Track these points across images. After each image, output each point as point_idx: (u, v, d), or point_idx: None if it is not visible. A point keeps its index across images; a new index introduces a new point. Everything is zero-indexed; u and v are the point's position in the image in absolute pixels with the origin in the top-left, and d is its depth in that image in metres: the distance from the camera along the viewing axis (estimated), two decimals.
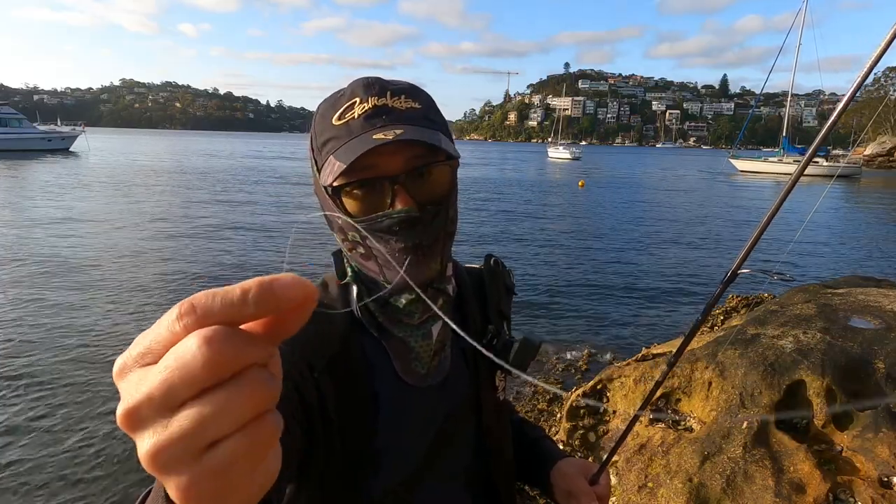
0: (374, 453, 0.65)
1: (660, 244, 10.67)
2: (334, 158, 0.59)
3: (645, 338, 5.36)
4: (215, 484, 0.22)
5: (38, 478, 3.02)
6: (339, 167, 0.57)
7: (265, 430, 0.23)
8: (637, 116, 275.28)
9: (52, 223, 10.60)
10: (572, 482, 0.81)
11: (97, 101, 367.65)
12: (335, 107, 0.62)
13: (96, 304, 5.84)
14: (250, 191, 18.21)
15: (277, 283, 0.23)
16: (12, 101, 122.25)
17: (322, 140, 0.62)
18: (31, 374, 4.22)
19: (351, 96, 0.62)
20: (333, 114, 0.62)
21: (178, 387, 0.21)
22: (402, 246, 0.61)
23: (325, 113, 0.63)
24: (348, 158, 0.56)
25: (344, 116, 0.61)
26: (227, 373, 0.22)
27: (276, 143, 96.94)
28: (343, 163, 0.57)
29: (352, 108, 0.61)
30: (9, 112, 34.67)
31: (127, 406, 0.22)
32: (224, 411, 0.21)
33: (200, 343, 0.21)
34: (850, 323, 3.01)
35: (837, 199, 20.67)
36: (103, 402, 3.82)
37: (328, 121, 0.62)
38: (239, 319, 0.22)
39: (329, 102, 0.64)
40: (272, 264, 8.01)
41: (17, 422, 3.54)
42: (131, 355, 0.23)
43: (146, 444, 0.22)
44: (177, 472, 0.22)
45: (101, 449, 3.30)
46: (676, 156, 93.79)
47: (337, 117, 0.61)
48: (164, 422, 0.22)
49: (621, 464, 2.45)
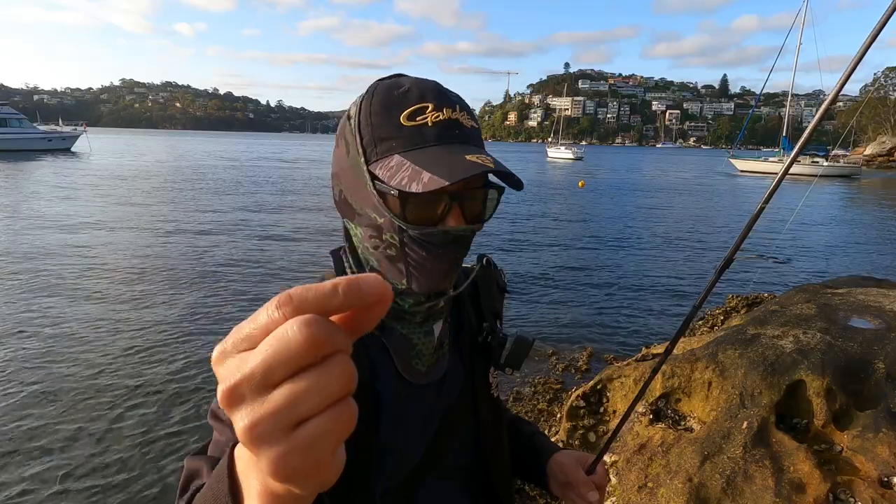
0: (375, 452, 0.65)
1: (660, 244, 10.68)
2: (415, 164, 0.56)
3: (645, 338, 5.36)
4: (303, 458, 0.25)
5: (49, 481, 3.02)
6: (430, 179, 0.54)
7: (347, 412, 0.26)
8: (637, 116, 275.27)
9: (58, 223, 10.60)
10: (570, 473, 0.83)
11: (97, 101, 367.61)
12: (400, 105, 0.60)
13: (99, 305, 5.85)
14: (262, 192, 18.21)
15: (363, 280, 0.26)
16: (12, 101, 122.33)
17: (382, 133, 0.59)
18: (30, 379, 4.22)
19: (420, 99, 0.60)
20: (400, 112, 0.59)
21: (277, 366, 0.24)
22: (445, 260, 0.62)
23: (387, 107, 0.60)
24: (450, 175, 0.54)
25: (415, 119, 0.59)
26: (320, 354, 0.24)
27: (278, 143, 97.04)
28: (448, 176, 0.54)
29: (423, 113, 0.59)
30: (9, 112, 34.66)
31: (229, 384, 0.25)
32: (315, 390, 0.24)
33: (300, 326, 0.24)
34: (850, 323, 3.02)
35: (837, 199, 20.67)
36: (110, 407, 3.82)
37: (394, 118, 0.59)
38: (329, 310, 0.25)
39: (388, 95, 0.60)
40: (278, 264, 8.02)
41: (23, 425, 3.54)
42: (230, 342, 0.26)
43: (245, 418, 0.25)
44: (269, 445, 0.25)
45: (106, 452, 3.31)
46: (676, 156, 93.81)
47: (406, 117, 0.59)
48: (262, 399, 0.25)
49: (621, 464, 2.45)
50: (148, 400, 3.87)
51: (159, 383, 4.10)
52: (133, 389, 4.00)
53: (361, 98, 0.62)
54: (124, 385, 4.06)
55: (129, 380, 4.14)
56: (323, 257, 8.51)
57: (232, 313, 5.70)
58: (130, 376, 4.20)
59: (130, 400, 3.86)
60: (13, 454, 3.21)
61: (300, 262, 8.31)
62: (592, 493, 0.81)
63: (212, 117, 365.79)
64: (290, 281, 7.10)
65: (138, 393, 3.96)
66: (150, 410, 3.74)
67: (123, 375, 4.21)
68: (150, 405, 3.80)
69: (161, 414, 3.70)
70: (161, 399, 3.89)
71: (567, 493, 0.83)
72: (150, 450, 3.30)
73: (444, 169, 0.55)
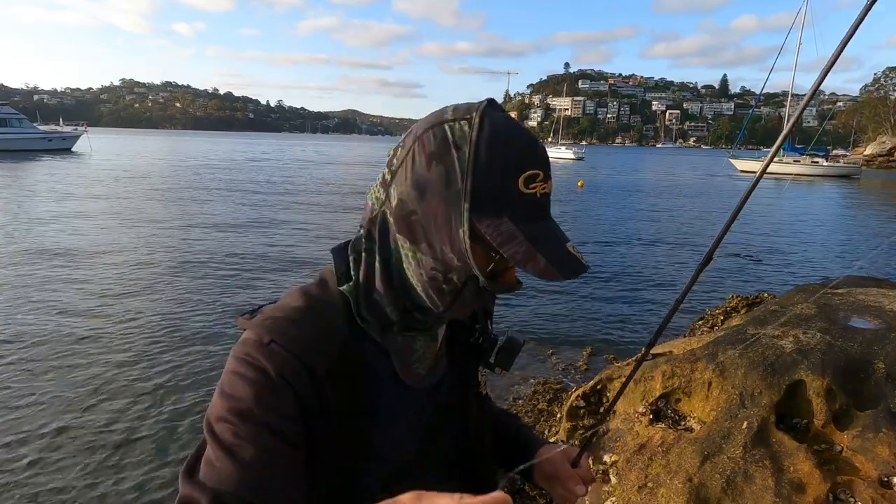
0: (368, 452, 0.66)
1: (660, 244, 10.68)
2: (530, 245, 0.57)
3: (645, 338, 5.36)
4: None
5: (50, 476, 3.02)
6: (546, 268, 0.56)
7: None
8: (637, 116, 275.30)
9: (59, 222, 10.61)
10: (557, 467, 0.84)
11: (97, 101, 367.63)
12: (519, 165, 0.57)
13: (102, 306, 5.85)
14: (264, 192, 18.21)
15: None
16: (12, 101, 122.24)
17: (498, 191, 0.57)
18: (31, 387, 4.22)
19: (534, 164, 0.58)
20: (518, 173, 0.57)
21: None
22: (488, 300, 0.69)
23: (506, 162, 0.57)
24: (566, 272, 0.57)
25: (530, 187, 0.58)
26: None
27: (278, 143, 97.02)
28: (561, 274, 0.57)
29: (535, 181, 0.58)
30: (9, 112, 34.66)
31: None
32: None
33: None
34: (850, 323, 3.02)
35: (837, 199, 20.67)
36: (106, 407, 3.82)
37: (512, 178, 0.57)
38: None
39: (506, 147, 0.57)
40: (276, 261, 8.03)
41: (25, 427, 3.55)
42: None
43: None
44: None
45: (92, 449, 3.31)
46: (676, 156, 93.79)
47: (524, 182, 0.57)
48: None
49: (621, 464, 2.45)
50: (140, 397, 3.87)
51: (157, 379, 4.10)
52: (130, 386, 4.01)
53: (470, 126, 0.57)
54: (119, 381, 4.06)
55: (128, 379, 4.15)
56: (318, 250, 8.52)
57: (227, 310, 5.70)
58: (131, 373, 4.21)
59: (128, 398, 3.87)
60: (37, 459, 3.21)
61: (300, 261, 8.32)
62: (580, 486, 0.83)
63: (212, 117, 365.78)
64: (289, 277, 7.10)
65: (138, 391, 3.97)
66: (148, 410, 3.74)
67: (123, 374, 4.22)
68: (144, 402, 3.81)
69: (155, 413, 3.70)
70: (158, 398, 3.89)
71: (554, 485, 0.85)
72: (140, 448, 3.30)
73: (557, 261, 0.57)
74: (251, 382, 0.58)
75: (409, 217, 0.60)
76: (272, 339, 0.59)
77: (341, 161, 42.54)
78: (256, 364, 0.59)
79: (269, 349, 0.59)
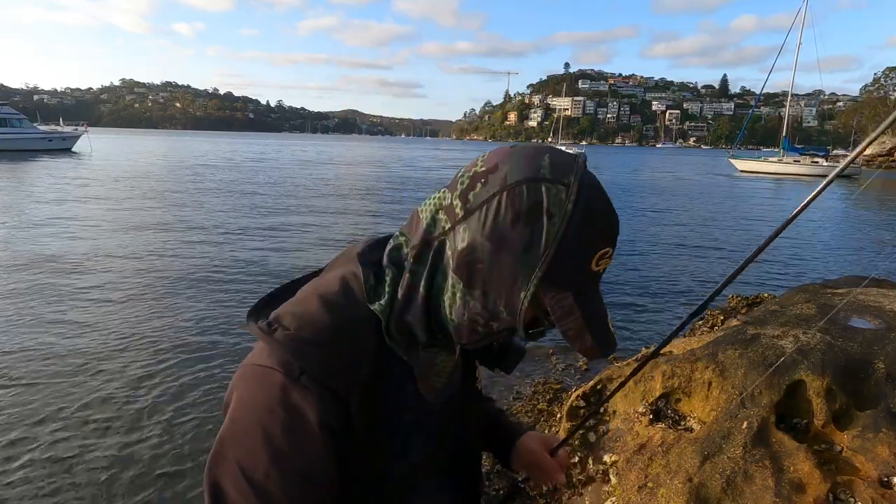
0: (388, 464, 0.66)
1: (659, 245, 10.68)
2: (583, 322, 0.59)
3: (645, 338, 5.36)
4: None
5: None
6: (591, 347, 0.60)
7: None
8: (637, 116, 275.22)
9: (60, 224, 10.61)
10: (538, 457, 0.91)
11: (97, 101, 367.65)
12: (596, 244, 0.57)
13: (105, 308, 5.85)
14: (264, 192, 18.21)
15: None
16: (12, 101, 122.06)
17: (572, 270, 0.57)
18: (27, 391, 4.22)
19: (610, 241, 0.59)
20: (593, 253, 0.57)
21: None
22: None
23: (587, 242, 0.57)
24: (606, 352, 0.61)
25: (599, 264, 0.59)
26: None
27: (277, 142, 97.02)
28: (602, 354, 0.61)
29: (604, 258, 0.59)
30: (9, 112, 34.63)
31: None
32: None
33: None
34: (850, 323, 3.02)
35: (837, 199, 20.67)
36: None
37: (588, 258, 0.57)
38: None
39: (591, 227, 0.57)
40: (285, 264, 8.03)
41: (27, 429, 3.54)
42: None
43: None
44: None
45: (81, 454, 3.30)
46: (676, 156, 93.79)
47: (596, 261, 0.58)
48: None
49: (621, 464, 2.45)
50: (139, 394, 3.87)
51: (157, 375, 4.11)
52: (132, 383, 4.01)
53: (567, 195, 0.55)
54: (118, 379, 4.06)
55: (128, 376, 4.15)
56: (317, 256, 8.53)
57: (231, 313, 5.70)
58: (132, 372, 4.21)
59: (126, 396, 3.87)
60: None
61: (300, 266, 8.32)
62: (560, 475, 0.90)
63: (212, 117, 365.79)
64: None
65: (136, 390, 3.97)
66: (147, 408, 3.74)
67: (123, 372, 4.22)
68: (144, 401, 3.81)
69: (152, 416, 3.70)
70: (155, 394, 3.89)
71: (533, 472, 0.92)
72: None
73: (601, 342, 0.60)
74: (284, 425, 0.55)
75: (473, 264, 0.58)
76: (302, 369, 0.56)
77: (342, 161, 42.53)
78: (289, 406, 0.56)
79: (300, 386, 0.56)
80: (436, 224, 0.61)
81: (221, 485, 0.56)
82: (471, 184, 0.59)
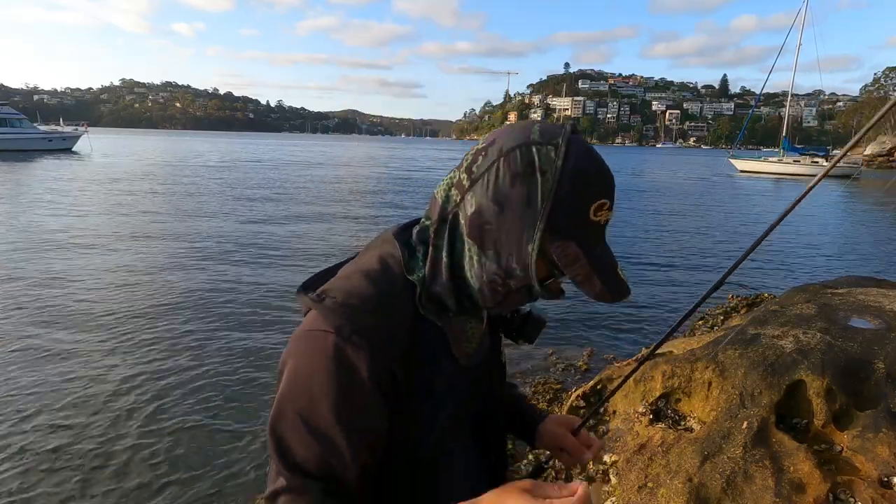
0: (424, 424, 0.71)
1: (660, 244, 10.68)
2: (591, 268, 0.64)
3: (645, 338, 5.36)
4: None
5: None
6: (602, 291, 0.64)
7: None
8: (637, 116, 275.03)
9: (60, 225, 10.61)
10: (562, 438, 0.95)
11: (97, 101, 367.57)
12: (592, 195, 0.62)
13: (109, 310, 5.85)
14: (266, 194, 18.21)
15: None
16: (12, 101, 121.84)
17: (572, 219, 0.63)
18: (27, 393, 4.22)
19: (605, 193, 0.63)
20: (590, 203, 0.62)
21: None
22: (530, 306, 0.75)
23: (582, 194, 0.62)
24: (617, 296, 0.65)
25: (598, 215, 0.63)
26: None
27: (277, 142, 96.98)
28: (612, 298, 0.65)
29: (602, 210, 0.64)
30: (10, 112, 34.64)
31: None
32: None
33: None
34: (850, 323, 3.02)
35: (837, 199, 20.66)
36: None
37: (585, 207, 0.62)
38: None
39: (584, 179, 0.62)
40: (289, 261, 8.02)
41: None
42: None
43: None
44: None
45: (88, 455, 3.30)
46: (676, 156, 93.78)
47: (594, 211, 0.63)
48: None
49: (621, 464, 2.45)
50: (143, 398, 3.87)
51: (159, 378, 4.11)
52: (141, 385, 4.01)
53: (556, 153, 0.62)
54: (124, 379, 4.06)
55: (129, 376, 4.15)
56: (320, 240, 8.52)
57: (227, 314, 5.70)
58: (134, 373, 4.21)
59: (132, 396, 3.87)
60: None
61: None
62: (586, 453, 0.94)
63: (212, 117, 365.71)
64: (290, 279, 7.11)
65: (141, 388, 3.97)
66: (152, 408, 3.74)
67: (123, 372, 4.22)
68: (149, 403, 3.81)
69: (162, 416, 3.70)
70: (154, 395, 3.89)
71: (558, 452, 0.97)
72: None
73: (613, 286, 0.65)
74: (339, 378, 0.62)
75: (483, 226, 0.65)
76: (353, 330, 0.63)
77: (342, 161, 42.52)
78: (344, 360, 0.62)
79: (352, 343, 0.62)
80: (449, 200, 0.68)
81: (285, 438, 0.64)
82: (473, 158, 0.66)
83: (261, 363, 4.46)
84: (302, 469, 0.63)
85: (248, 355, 4.61)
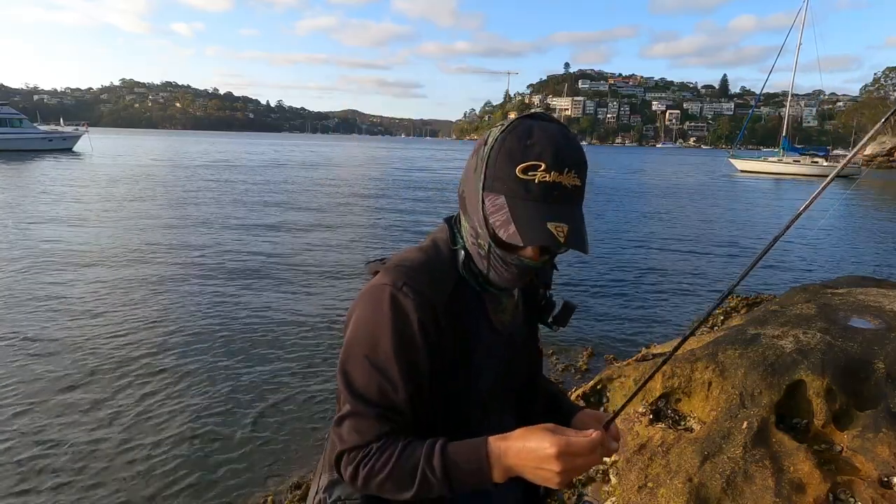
0: (470, 377, 0.83)
1: (659, 244, 10.67)
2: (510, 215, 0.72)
3: (645, 338, 5.36)
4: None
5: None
6: (513, 234, 0.71)
7: None
8: (637, 116, 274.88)
9: (60, 225, 10.61)
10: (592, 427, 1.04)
11: (97, 101, 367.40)
12: (521, 156, 0.71)
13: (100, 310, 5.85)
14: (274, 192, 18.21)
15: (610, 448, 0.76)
16: (12, 101, 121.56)
17: (500, 174, 0.73)
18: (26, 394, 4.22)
19: (538, 156, 0.71)
20: (518, 163, 0.71)
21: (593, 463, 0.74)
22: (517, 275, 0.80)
23: (511, 154, 0.72)
24: (528, 239, 0.70)
25: (527, 174, 0.71)
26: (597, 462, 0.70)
27: (277, 142, 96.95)
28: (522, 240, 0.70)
29: (534, 170, 0.71)
30: (10, 112, 34.63)
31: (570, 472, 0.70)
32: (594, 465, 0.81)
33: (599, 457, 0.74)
34: (850, 323, 3.02)
35: (837, 199, 20.67)
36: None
37: (512, 166, 0.72)
38: None
39: (517, 143, 0.72)
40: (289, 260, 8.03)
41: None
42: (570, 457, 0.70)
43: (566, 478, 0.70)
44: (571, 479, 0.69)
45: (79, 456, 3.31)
46: (676, 156, 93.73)
47: (521, 170, 0.71)
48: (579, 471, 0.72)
49: (621, 464, 2.45)
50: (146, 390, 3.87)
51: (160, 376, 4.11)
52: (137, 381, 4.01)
53: (502, 132, 0.75)
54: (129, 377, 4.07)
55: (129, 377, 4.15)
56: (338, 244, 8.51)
57: (228, 314, 5.70)
58: (134, 375, 4.21)
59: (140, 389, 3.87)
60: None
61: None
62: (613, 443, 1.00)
63: (212, 117, 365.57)
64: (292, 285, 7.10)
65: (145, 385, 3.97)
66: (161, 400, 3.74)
67: (123, 373, 4.22)
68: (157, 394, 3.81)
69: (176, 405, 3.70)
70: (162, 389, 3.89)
71: None
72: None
73: (525, 230, 0.70)
74: (394, 320, 0.76)
75: (462, 196, 0.82)
76: (405, 282, 0.77)
77: (343, 163, 42.51)
78: (397, 305, 0.76)
79: (403, 292, 0.77)
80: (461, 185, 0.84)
81: (351, 373, 0.78)
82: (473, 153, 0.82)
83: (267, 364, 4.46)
84: (364, 397, 0.76)
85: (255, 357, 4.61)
